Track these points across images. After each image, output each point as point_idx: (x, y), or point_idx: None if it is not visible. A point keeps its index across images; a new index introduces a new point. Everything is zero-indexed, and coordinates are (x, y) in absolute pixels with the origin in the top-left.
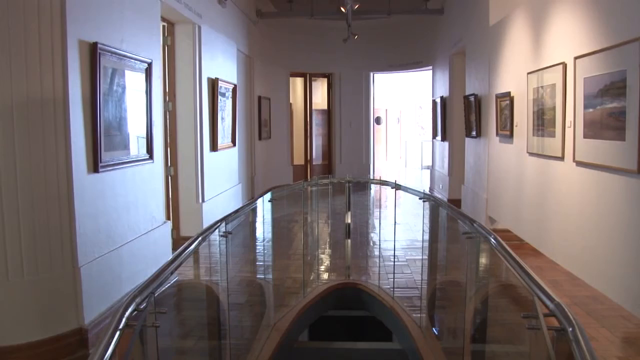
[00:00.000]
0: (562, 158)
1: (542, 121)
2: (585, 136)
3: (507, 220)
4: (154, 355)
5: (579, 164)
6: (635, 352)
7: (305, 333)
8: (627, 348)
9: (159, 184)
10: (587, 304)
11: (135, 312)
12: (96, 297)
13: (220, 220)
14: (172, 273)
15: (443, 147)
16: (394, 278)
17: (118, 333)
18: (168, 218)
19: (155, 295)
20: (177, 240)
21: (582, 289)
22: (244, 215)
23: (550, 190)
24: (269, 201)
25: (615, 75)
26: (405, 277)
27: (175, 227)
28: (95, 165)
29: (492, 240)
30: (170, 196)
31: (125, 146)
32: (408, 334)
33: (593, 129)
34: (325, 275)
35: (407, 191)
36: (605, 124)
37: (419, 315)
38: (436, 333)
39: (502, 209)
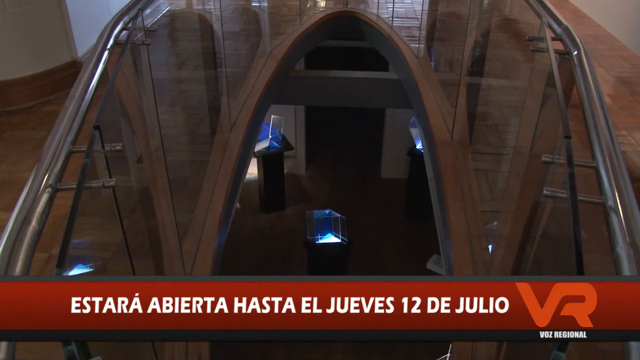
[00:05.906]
0: None
1: None
2: None
3: None
4: (147, 74)
5: None
6: (626, 91)
7: (301, 62)
8: (620, 87)
9: None
10: (588, 43)
11: (124, 31)
12: (86, 30)
13: None
14: None
15: None
16: (393, 7)
17: (107, 52)
18: None
19: (148, 25)
20: None
21: (587, 29)
22: None
23: None
24: None
25: None
26: (405, 6)
27: None
28: None
29: None
30: None
31: None
32: (405, 64)
33: None
34: (322, 4)
35: None
36: None
37: (417, 45)
38: (433, 66)
39: None
